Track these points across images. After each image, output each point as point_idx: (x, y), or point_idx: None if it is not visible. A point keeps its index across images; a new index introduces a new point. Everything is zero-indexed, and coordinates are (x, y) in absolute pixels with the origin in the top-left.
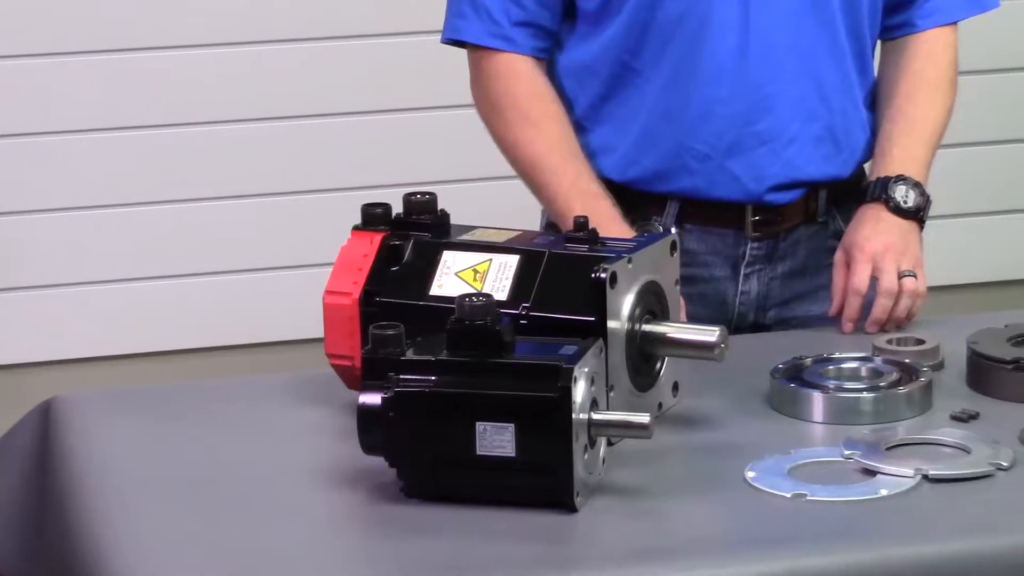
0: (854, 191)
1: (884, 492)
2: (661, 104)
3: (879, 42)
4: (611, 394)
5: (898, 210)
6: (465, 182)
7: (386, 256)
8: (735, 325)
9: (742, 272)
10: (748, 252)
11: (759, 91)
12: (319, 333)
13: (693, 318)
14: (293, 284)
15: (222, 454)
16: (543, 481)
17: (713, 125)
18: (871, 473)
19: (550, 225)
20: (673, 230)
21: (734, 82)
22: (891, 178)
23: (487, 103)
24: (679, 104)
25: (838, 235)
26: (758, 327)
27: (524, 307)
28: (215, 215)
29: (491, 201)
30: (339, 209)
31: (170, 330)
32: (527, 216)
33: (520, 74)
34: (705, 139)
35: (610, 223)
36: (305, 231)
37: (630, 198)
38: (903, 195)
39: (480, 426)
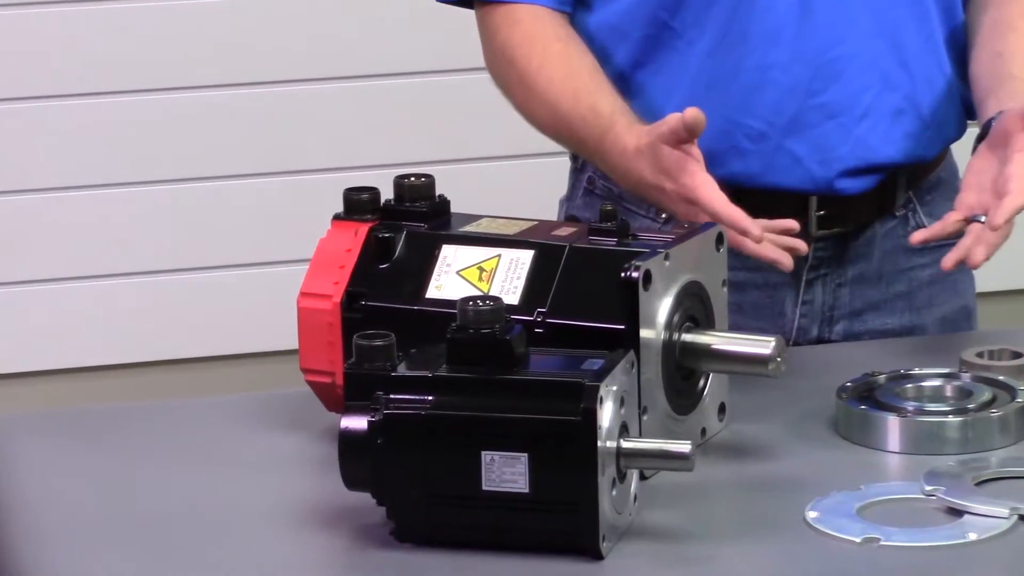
0: (940, 178)
1: (973, 536)
2: (706, 71)
3: None
4: (644, 418)
5: None
6: (469, 162)
7: (373, 251)
8: (794, 341)
9: (804, 277)
10: (812, 254)
11: (824, 54)
12: (293, 344)
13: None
14: (260, 285)
15: (174, 489)
16: (562, 522)
17: (769, 97)
18: (957, 513)
19: (570, 220)
20: (723, 230)
21: (794, 44)
22: None
23: (490, 65)
24: (728, 71)
25: None
26: (822, 343)
27: (539, 313)
28: (158, 201)
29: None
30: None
31: (108, 341)
32: (544, 203)
33: (520, 21)
34: (759, 114)
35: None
36: (274, 221)
37: None
38: None
39: (487, 456)
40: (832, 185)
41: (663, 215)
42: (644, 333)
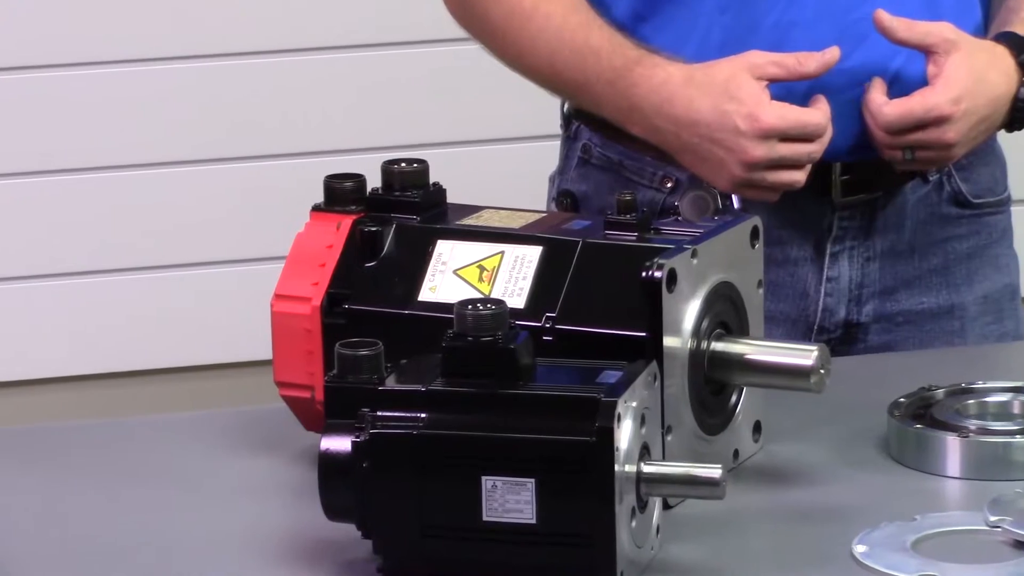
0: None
1: None
2: (718, 29)
3: None
4: (669, 438)
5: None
6: (469, 145)
7: (358, 247)
8: (819, 324)
9: (828, 251)
10: (836, 224)
11: (850, 12)
12: (266, 354)
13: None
14: (227, 286)
15: (130, 520)
16: (574, 558)
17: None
18: None
19: (564, 195)
20: (735, 199)
21: (818, 0)
22: None
23: (460, 5)
24: (743, 30)
25: (958, 200)
26: (851, 326)
27: (548, 318)
28: (97, 191)
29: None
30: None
31: (59, 350)
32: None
33: None
34: None
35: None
36: (243, 212)
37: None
38: None
39: (488, 482)
40: (856, 151)
41: (668, 183)
42: (668, 341)
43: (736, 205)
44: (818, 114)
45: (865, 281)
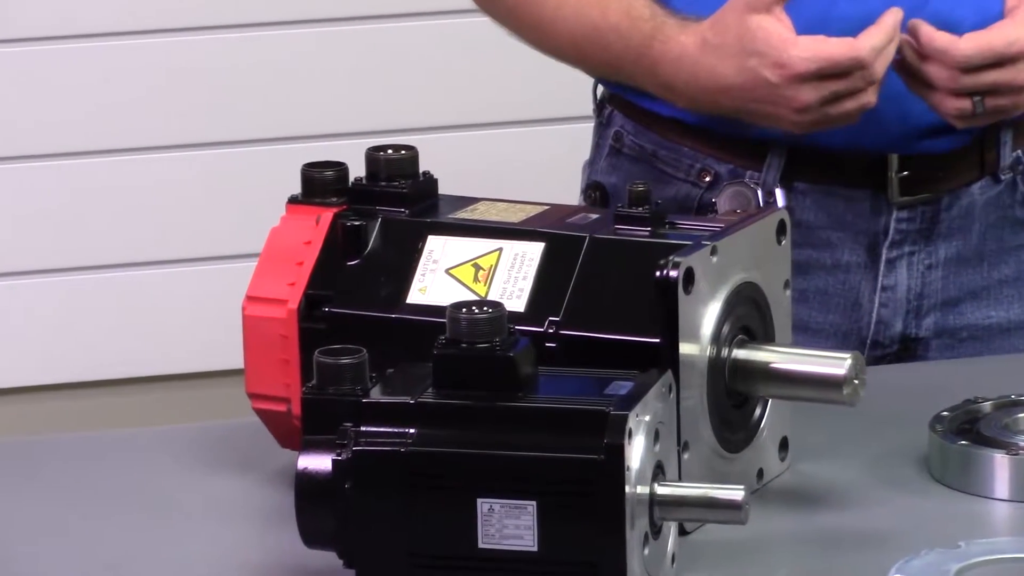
0: None
1: None
2: None
3: None
4: (685, 456)
5: None
6: (462, 130)
7: (340, 244)
8: (872, 339)
9: (884, 257)
10: (893, 226)
11: None
12: (237, 363)
13: (805, 330)
14: (195, 287)
15: (85, 547)
16: None
17: (835, 31)
18: None
19: (593, 188)
20: (779, 195)
21: None
22: None
23: None
24: None
25: None
26: (908, 341)
27: (552, 322)
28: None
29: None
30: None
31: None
32: (562, 182)
33: None
34: None
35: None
36: (212, 205)
37: (711, 144)
38: None
39: (484, 505)
40: (916, 142)
41: (706, 177)
42: (685, 348)
43: (781, 203)
44: (859, 42)
45: (925, 291)
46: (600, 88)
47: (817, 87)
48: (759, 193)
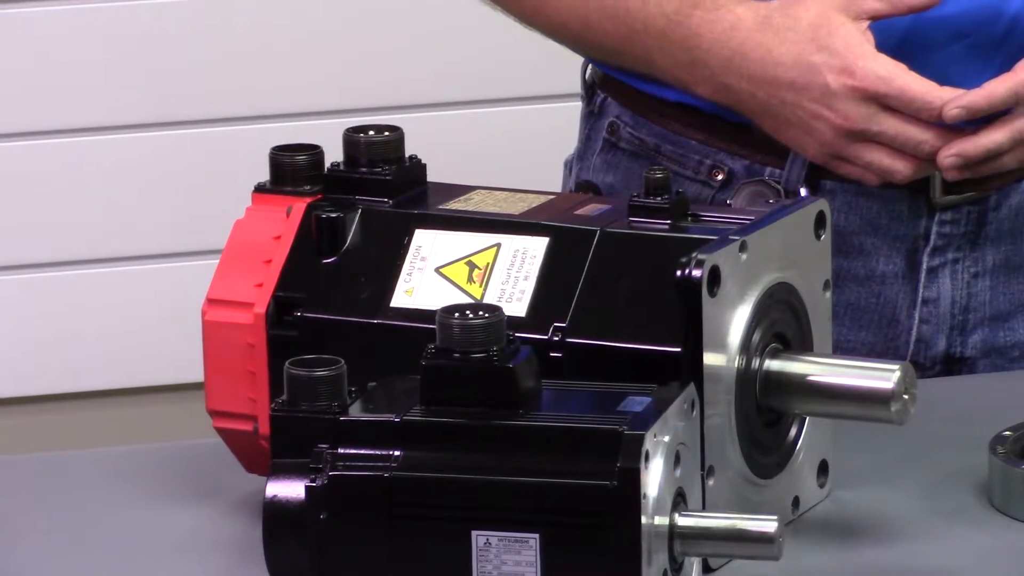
0: None
1: None
2: None
3: None
4: (710, 482)
5: None
6: (455, 107)
7: (314, 239)
8: (911, 359)
9: (924, 265)
10: (935, 230)
11: None
12: (197, 376)
13: (834, 350)
14: (148, 289)
15: None
16: None
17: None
18: None
19: (583, 188)
20: (803, 193)
21: None
22: None
23: None
24: None
25: None
26: (952, 362)
27: (557, 329)
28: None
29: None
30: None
31: None
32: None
33: None
34: None
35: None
36: (169, 194)
37: (727, 137)
38: None
39: (479, 538)
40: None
41: (718, 175)
42: (710, 359)
43: (803, 194)
44: (936, 91)
45: (972, 304)
46: (590, 69)
47: (871, 115)
48: (781, 193)
